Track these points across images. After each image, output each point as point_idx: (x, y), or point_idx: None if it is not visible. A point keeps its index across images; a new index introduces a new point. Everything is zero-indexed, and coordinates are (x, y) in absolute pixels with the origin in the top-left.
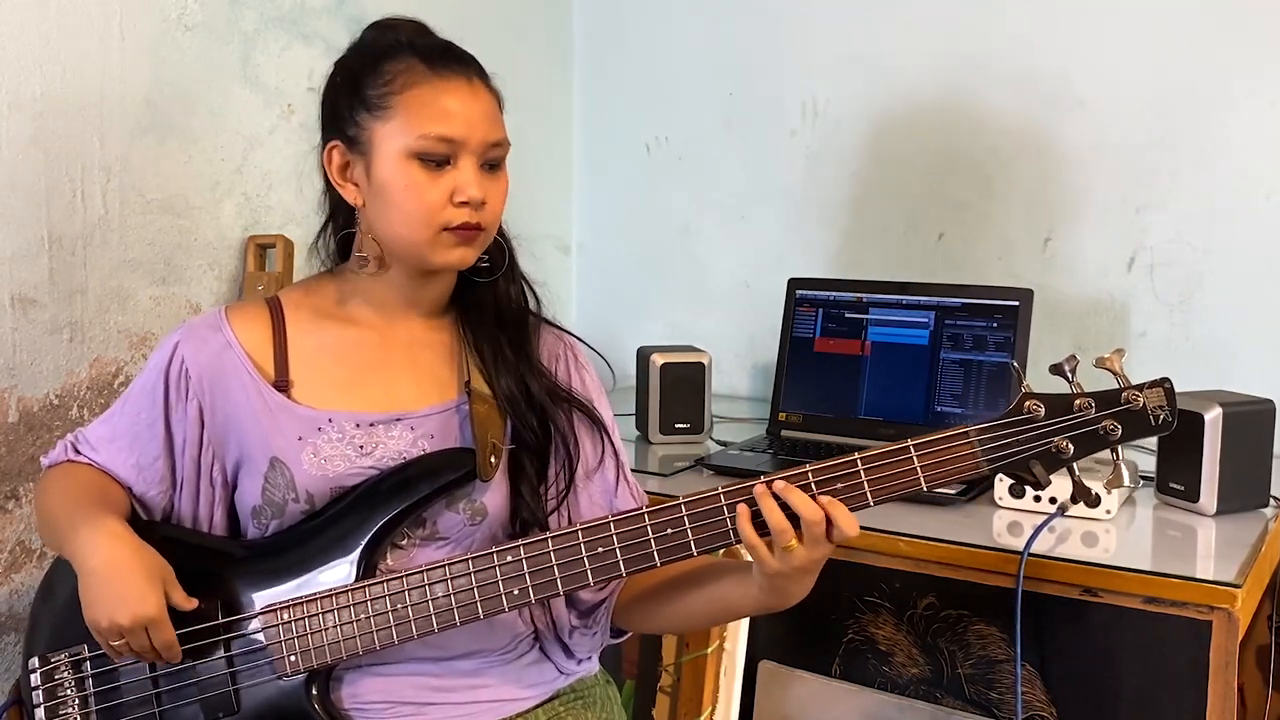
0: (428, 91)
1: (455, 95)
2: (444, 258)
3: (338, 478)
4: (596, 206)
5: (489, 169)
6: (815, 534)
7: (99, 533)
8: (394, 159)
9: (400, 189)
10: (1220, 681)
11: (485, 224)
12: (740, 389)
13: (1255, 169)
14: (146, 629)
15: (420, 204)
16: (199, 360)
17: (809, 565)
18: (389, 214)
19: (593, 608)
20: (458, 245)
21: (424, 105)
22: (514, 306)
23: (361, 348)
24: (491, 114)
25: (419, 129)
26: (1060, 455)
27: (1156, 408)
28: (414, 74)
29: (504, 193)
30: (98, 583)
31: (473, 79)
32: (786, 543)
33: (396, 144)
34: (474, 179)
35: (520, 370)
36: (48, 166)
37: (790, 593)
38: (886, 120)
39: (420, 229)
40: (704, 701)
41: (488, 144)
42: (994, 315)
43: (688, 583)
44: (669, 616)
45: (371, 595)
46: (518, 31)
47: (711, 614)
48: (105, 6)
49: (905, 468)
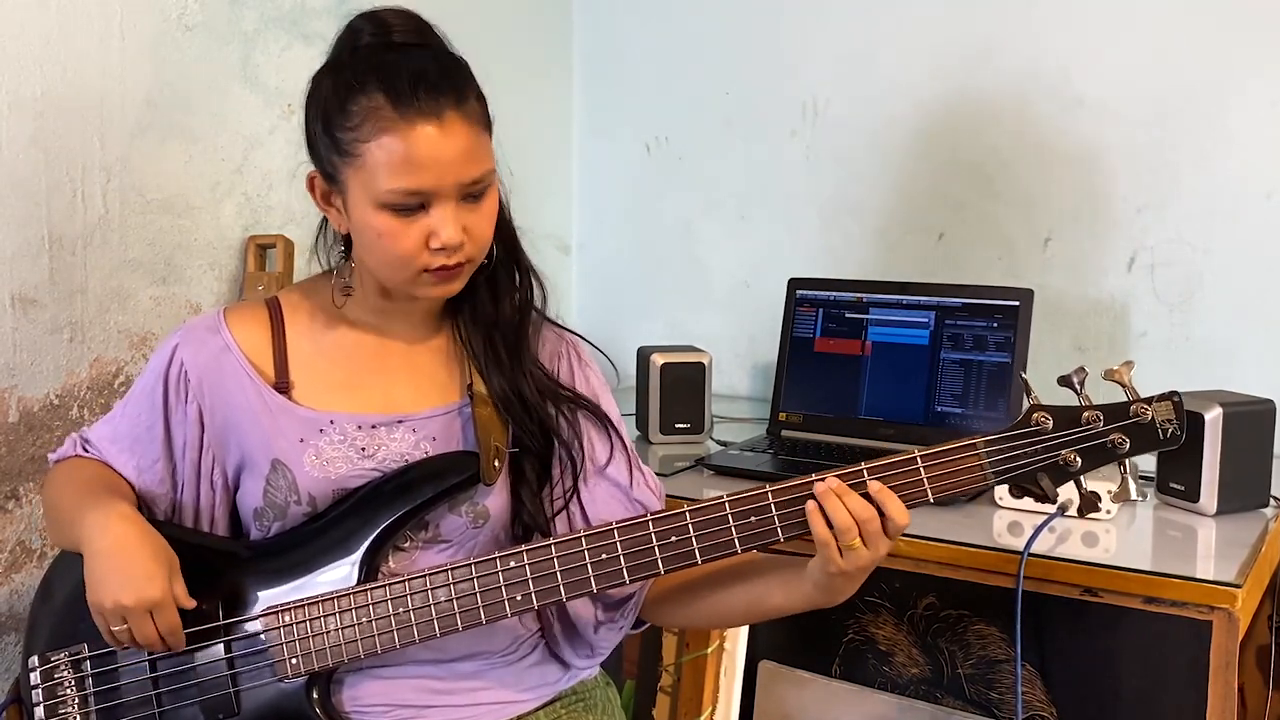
0: (395, 141)
1: (423, 142)
2: (427, 293)
3: (340, 480)
4: (596, 206)
5: (470, 199)
6: (873, 530)
7: (110, 515)
8: (366, 206)
9: (374, 236)
10: (1220, 681)
11: (468, 257)
12: (740, 389)
13: (1256, 169)
14: (151, 612)
15: (395, 251)
16: (198, 362)
17: (870, 564)
18: (368, 254)
19: (621, 601)
20: (439, 283)
21: (391, 156)
22: (513, 306)
23: (361, 349)
24: (467, 151)
25: (386, 183)
26: (1068, 468)
27: (1165, 421)
28: (380, 119)
29: (490, 217)
30: (105, 562)
31: (445, 116)
32: (851, 540)
33: (367, 193)
34: (450, 220)
35: (513, 372)
36: (48, 166)
37: (844, 591)
38: (887, 120)
39: (399, 271)
40: (704, 702)
41: (462, 185)
42: (994, 315)
43: (729, 579)
44: (701, 612)
45: (373, 598)
46: (517, 31)
47: (752, 612)
48: (105, 6)
49: (912, 479)
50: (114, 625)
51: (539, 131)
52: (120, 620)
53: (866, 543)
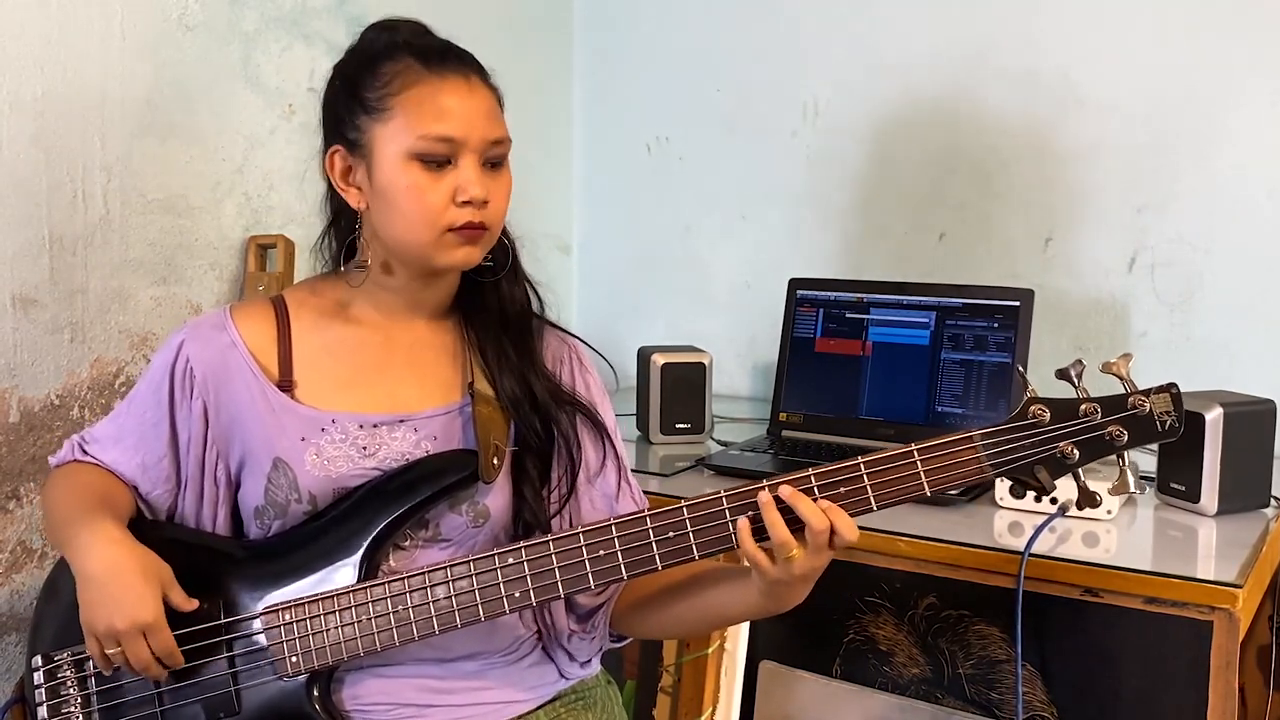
0: (425, 91)
1: (453, 94)
2: (448, 258)
3: (340, 478)
4: (597, 207)
5: (491, 167)
6: (819, 542)
7: (97, 536)
8: (395, 161)
9: (402, 190)
10: (1221, 682)
11: (489, 222)
12: (741, 389)
13: (1256, 168)
14: (144, 635)
15: (422, 205)
16: (203, 359)
17: (809, 573)
18: (392, 216)
19: (590, 613)
20: (462, 245)
21: (422, 105)
22: (517, 308)
23: (365, 348)
24: (491, 111)
25: (418, 129)
26: (1065, 460)
27: (1163, 413)
28: (411, 74)
29: (507, 191)
30: (95, 587)
31: (471, 77)
32: (788, 554)
33: (396, 146)
34: (476, 178)
35: (523, 371)
36: (49, 166)
37: (788, 599)
38: (887, 120)
39: (424, 230)
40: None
41: (488, 141)
42: (995, 315)
43: (684, 589)
44: (666, 622)
45: (373, 596)
46: (518, 31)
47: (709, 620)
48: (106, 7)
49: (909, 472)
50: (108, 649)
51: (540, 131)
52: (114, 644)
53: (809, 552)
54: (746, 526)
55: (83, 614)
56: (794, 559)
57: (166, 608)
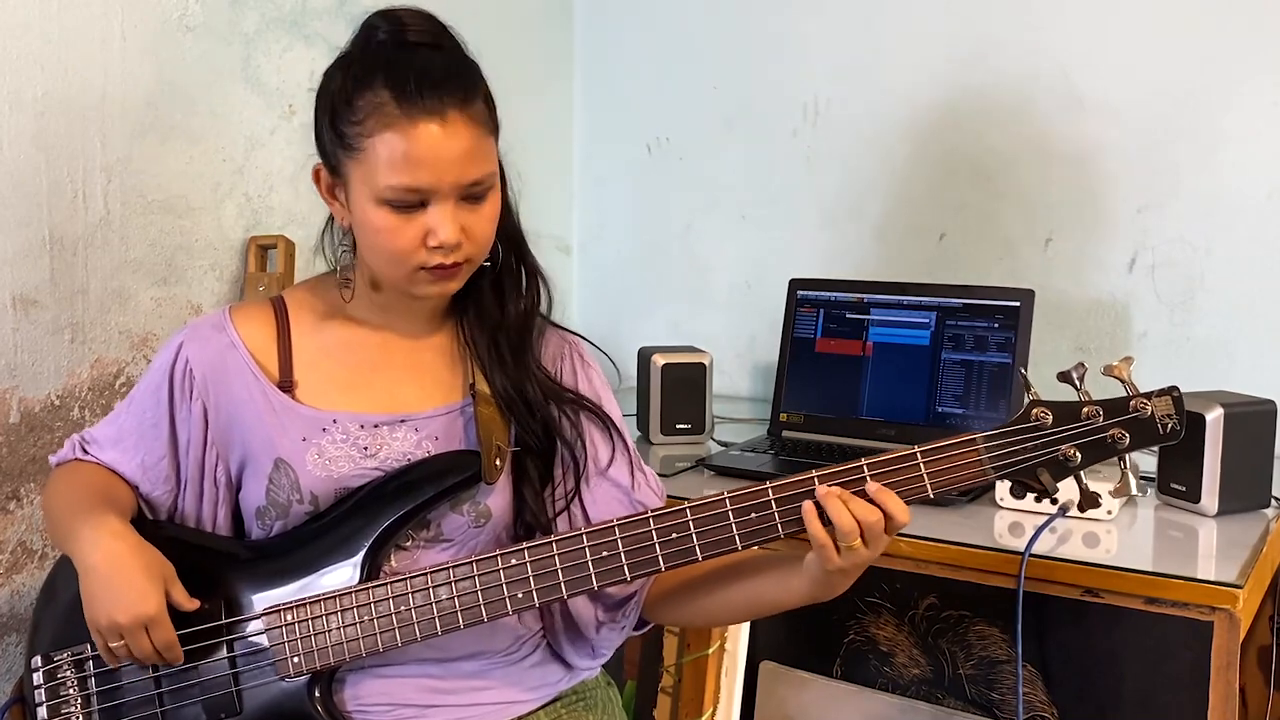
0: (397, 138)
1: (424, 141)
2: (424, 292)
3: (342, 479)
4: (597, 207)
5: (470, 200)
6: (875, 532)
7: (100, 531)
8: (366, 202)
9: (373, 231)
10: (1222, 682)
11: (466, 257)
12: (741, 389)
13: (1256, 169)
14: (146, 628)
15: (392, 247)
16: (203, 360)
17: (868, 561)
18: (368, 249)
19: (622, 601)
20: (435, 282)
21: (391, 153)
22: (518, 308)
23: (365, 348)
24: (468, 153)
25: (386, 179)
26: (1068, 463)
27: (1165, 416)
28: (384, 115)
29: (490, 219)
30: (97, 580)
31: (448, 115)
32: (853, 541)
33: (368, 188)
34: (447, 220)
35: (517, 372)
36: (49, 167)
37: (840, 587)
38: (888, 120)
39: (396, 268)
40: (705, 702)
41: (462, 186)
42: (995, 316)
43: (728, 577)
44: (705, 610)
45: (375, 597)
46: (518, 31)
47: (751, 608)
48: (107, 7)
49: (912, 474)
50: (111, 642)
51: (540, 132)
52: (116, 637)
53: (867, 542)
54: (813, 509)
55: (85, 608)
56: (855, 548)
57: (169, 606)
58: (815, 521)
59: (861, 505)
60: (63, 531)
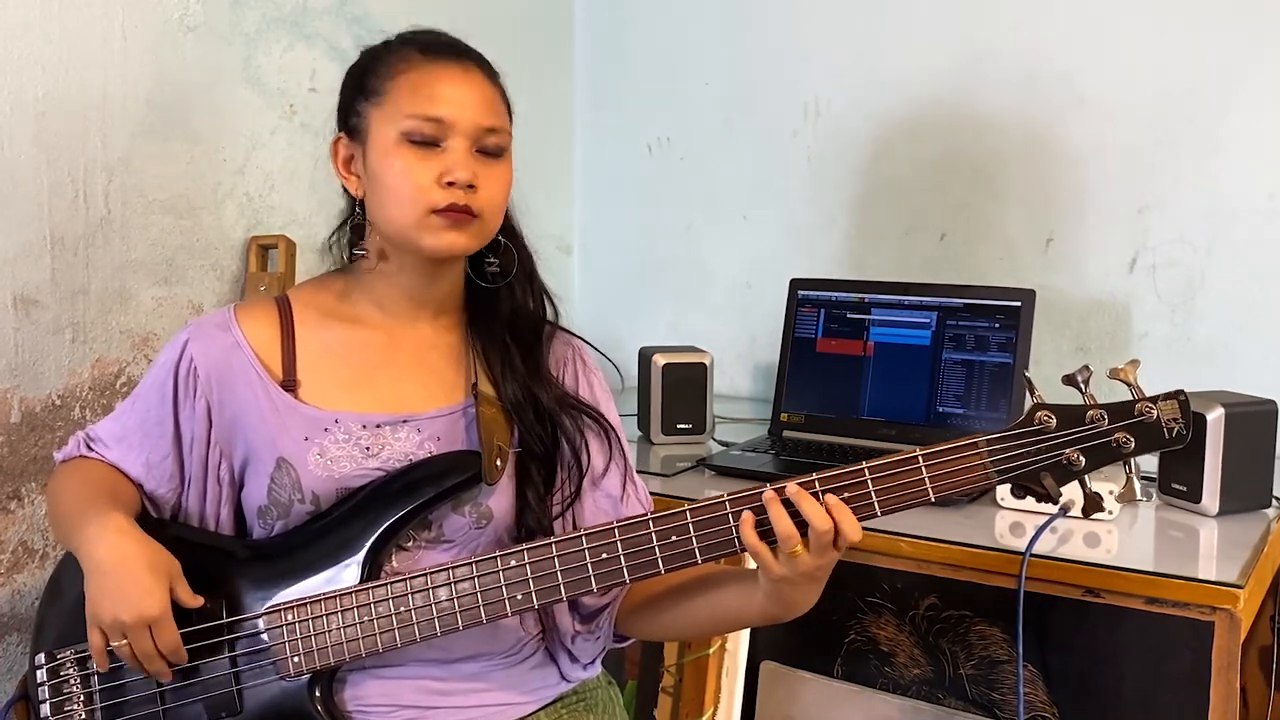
0: (420, 75)
1: (447, 78)
2: (434, 241)
3: (344, 479)
4: (598, 207)
5: (486, 155)
6: (823, 541)
7: (106, 528)
8: (387, 143)
9: (390, 171)
10: (1222, 682)
11: (478, 208)
12: (742, 389)
13: (1256, 169)
14: (150, 628)
15: (408, 184)
16: (207, 358)
17: (815, 572)
18: (383, 198)
19: (595, 613)
20: (447, 229)
21: (415, 87)
22: (528, 316)
23: (369, 348)
24: (487, 100)
25: (409, 108)
26: (1071, 467)
27: (1170, 420)
28: (409, 62)
29: (504, 181)
30: (102, 578)
31: (470, 67)
32: (792, 549)
33: (389, 128)
34: (463, 160)
35: (528, 380)
36: (50, 167)
37: (796, 602)
38: (888, 120)
39: (409, 209)
40: (706, 702)
41: (480, 127)
42: (996, 316)
43: (691, 591)
44: (671, 624)
45: (375, 597)
46: (519, 31)
47: (715, 623)
48: (108, 7)
49: (913, 478)
50: (114, 640)
51: (541, 132)
52: (120, 636)
53: (811, 550)
54: (750, 519)
55: (88, 605)
56: (798, 555)
57: (172, 604)
58: (749, 529)
59: (814, 509)
60: (68, 527)
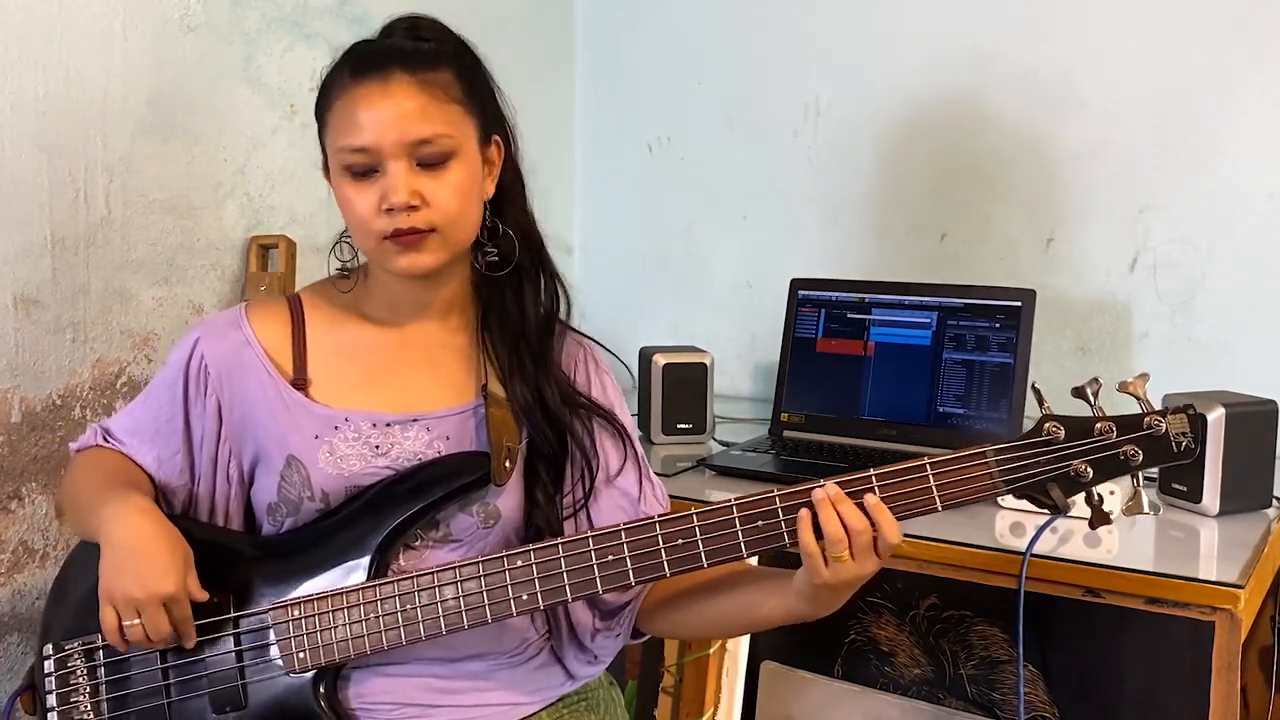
0: (344, 102)
1: (364, 102)
2: (394, 265)
3: (353, 477)
4: (598, 207)
5: (429, 167)
6: (863, 543)
7: (127, 507)
8: (336, 174)
9: (342, 202)
10: (1223, 682)
11: (429, 223)
12: (742, 389)
13: (1257, 169)
14: (166, 605)
15: (353, 216)
16: (218, 356)
17: (855, 580)
18: (347, 224)
19: (617, 609)
20: (402, 253)
21: (340, 118)
22: (540, 312)
23: (379, 348)
24: (413, 112)
25: (340, 141)
26: (1079, 479)
27: (1179, 434)
28: (341, 86)
29: (454, 188)
30: (121, 555)
31: (390, 78)
32: (840, 552)
33: (335, 159)
34: (400, 183)
35: (538, 381)
36: (50, 167)
37: (830, 604)
38: (889, 120)
39: (363, 240)
40: (706, 702)
41: (407, 143)
42: (996, 316)
43: (719, 589)
44: (695, 622)
45: (381, 595)
46: (519, 31)
47: (742, 622)
48: (108, 7)
49: (920, 486)
50: (126, 618)
51: (541, 132)
52: (133, 612)
53: (855, 556)
54: (808, 518)
55: (102, 582)
56: (843, 560)
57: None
58: (808, 530)
59: (852, 512)
60: (85, 508)
